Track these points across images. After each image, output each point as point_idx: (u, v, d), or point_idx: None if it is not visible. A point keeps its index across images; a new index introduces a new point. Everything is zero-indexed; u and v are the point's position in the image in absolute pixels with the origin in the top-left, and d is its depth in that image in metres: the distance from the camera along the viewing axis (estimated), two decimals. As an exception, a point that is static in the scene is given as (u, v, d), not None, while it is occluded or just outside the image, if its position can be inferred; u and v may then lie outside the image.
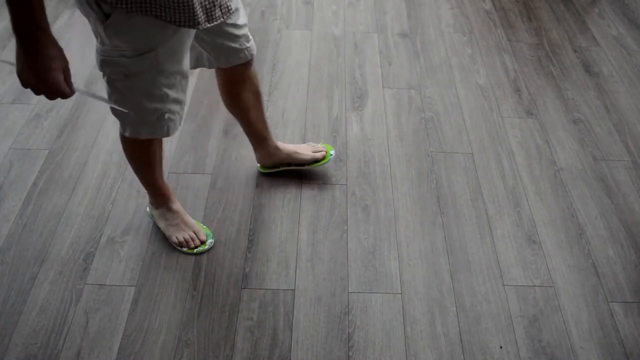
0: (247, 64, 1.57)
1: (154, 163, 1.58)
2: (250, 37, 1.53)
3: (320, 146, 1.94)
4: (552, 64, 2.48)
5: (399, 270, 1.67)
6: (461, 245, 1.74)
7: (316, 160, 1.90)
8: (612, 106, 2.27)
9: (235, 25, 1.45)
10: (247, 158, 1.98)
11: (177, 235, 1.68)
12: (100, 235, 1.72)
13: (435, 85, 2.34)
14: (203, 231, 1.71)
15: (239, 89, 1.65)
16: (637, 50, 2.58)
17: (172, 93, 1.32)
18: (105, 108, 2.16)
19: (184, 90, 1.37)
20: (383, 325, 1.54)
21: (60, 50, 1.10)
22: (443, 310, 1.58)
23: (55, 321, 1.52)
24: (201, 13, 1.22)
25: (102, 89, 2.23)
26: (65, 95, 1.13)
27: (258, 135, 1.82)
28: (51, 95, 1.12)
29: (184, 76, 1.34)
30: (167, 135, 1.40)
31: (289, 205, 1.84)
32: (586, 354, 1.51)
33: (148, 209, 1.77)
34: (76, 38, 2.50)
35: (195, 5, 1.19)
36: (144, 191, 1.85)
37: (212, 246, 1.70)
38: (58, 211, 1.78)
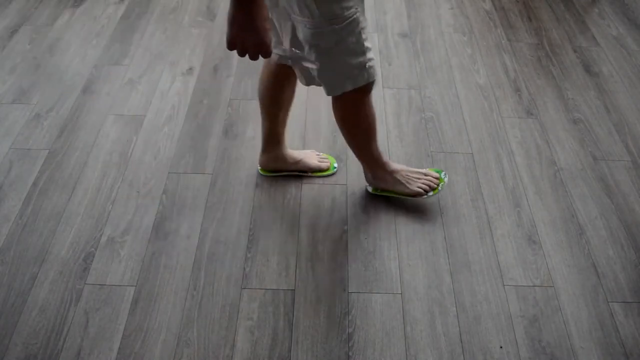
0: None
1: (374, 125, 1.65)
2: None
3: (324, 156, 1.96)
4: (552, 64, 2.48)
5: (399, 270, 1.67)
6: (461, 245, 1.74)
7: (320, 170, 1.92)
8: (612, 106, 2.27)
9: None
10: (247, 158, 1.98)
11: (419, 185, 1.77)
12: (100, 235, 1.72)
13: (435, 85, 2.34)
14: (430, 170, 1.82)
15: (285, 82, 1.69)
16: (637, 50, 2.58)
17: (368, 44, 1.43)
18: (104, 108, 2.16)
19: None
20: (383, 325, 1.54)
21: (302, 20, 1.25)
22: (443, 310, 1.58)
23: (55, 321, 1.52)
24: None
25: (111, 88, 2.24)
26: (269, 55, 1.20)
27: (275, 137, 1.83)
28: (257, 55, 1.19)
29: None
30: (368, 80, 1.47)
31: (289, 205, 1.84)
32: (586, 354, 1.51)
33: (371, 188, 1.85)
34: (76, 38, 2.50)
35: None
36: (144, 191, 1.85)
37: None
38: (58, 211, 1.79)
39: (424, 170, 1.81)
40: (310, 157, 1.92)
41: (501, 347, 1.51)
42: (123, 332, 1.50)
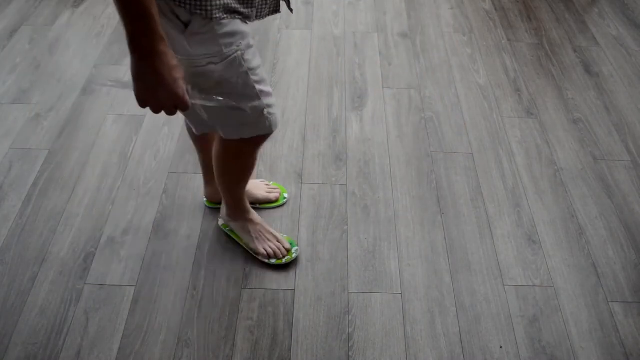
0: None
1: (251, 171, 1.54)
2: None
3: (274, 185, 1.86)
4: (552, 64, 2.48)
5: (399, 270, 1.67)
6: (461, 245, 1.74)
7: (269, 201, 1.82)
8: (612, 106, 2.27)
9: None
10: (247, 158, 1.98)
11: (265, 247, 1.64)
12: (100, 235, 1.72)
13: (435, 85, 2.34)
14: (286, 239, 1.68)
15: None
16: (637, 50, 2.58)
17: (263, 87, 1.28)
18: (104, 108, 2.16)
19: (268, 82, 1.33)
20: (383, 325, 1.54)
21: (176, 57, 1.04)
22: (443, 310, 1.58)
23: (55, 321, 1.52)
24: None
25: (111, 88, 2.24)
26: (187, 107, 1.06)
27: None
28: (173, 109, 1.07)
29: (262, 68, 1.30)
30: (271, 130, 1.36)
31: (289, 206, 1.84)
32: (586, 354, 1.51)
33: (222, 222, 1.73)
34: (76, 38, 2.50)
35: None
36: (144, 191, 1.85)
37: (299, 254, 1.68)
38: (58, 211, 1.79)
39: (279, 235, 1.67)
40: (258, 187, 1.81)
41: (501, 347, 1.51)
42: (123, 332, 1.50)
